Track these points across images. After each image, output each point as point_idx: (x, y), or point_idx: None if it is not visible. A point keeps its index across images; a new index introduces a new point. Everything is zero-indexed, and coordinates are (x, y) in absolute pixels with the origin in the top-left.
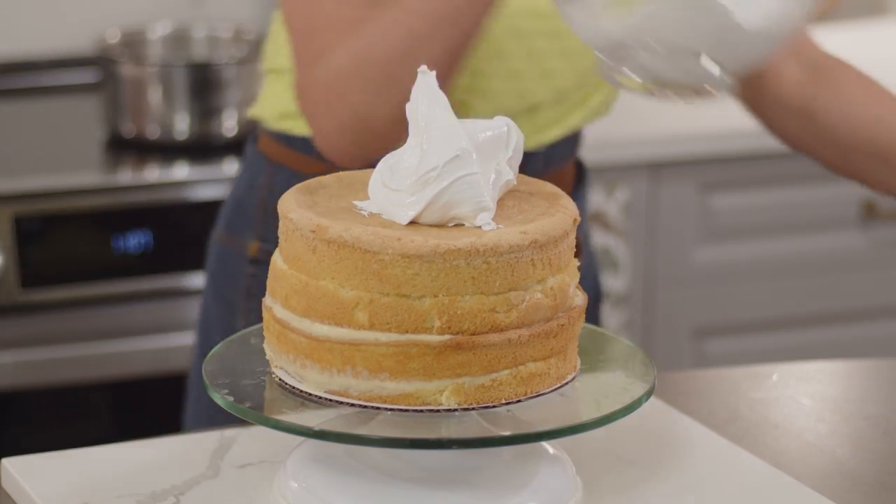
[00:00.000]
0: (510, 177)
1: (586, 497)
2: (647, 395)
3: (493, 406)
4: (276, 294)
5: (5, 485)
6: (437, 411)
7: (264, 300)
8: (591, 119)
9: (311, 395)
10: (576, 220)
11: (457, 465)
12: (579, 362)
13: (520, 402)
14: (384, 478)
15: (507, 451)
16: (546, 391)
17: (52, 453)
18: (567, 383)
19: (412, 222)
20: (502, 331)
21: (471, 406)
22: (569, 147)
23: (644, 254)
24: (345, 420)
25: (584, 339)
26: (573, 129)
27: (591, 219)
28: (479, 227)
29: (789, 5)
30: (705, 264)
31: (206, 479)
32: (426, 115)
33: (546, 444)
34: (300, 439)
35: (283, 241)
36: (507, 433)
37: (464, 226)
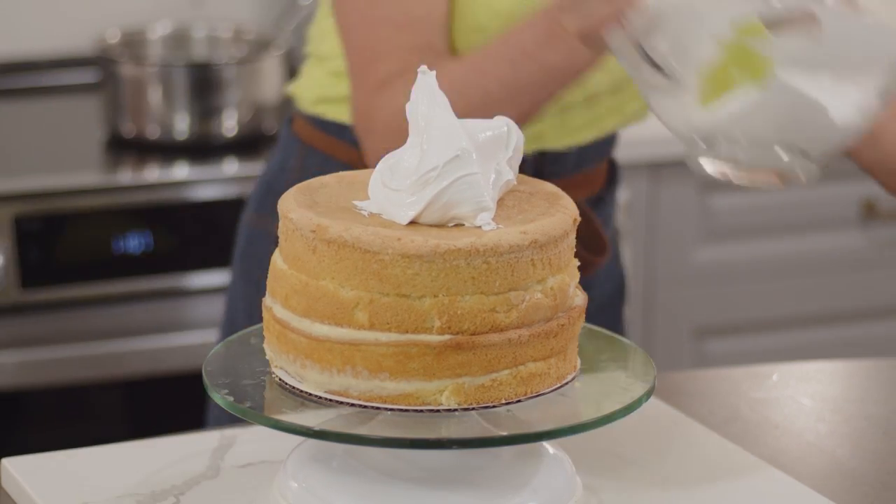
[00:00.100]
0: (510, 177)
1: (586, 497)
2: (647, 395)
3: (493, 406)
4: (276, 294)
5: (5, 485)
6: (437, 411)
7: (264, 300)
8: (626, 125)
9: (311, 394)
10: (576, 220)
11: (457, 465)
12: (579, 362)
13: (520, 402)
14: (384, 478)
15: (507, 450)
16: (546, 391)
17: (52, 453)
18: (567, 383)
19: (412, 222)
20: (502, 331)
21: (471, 406)
22: (602, 149)
23: (644, 254)
24: (345, 420)
25: (584, 339)
26: (607, 132)
27: None
28: (479, 227)
29: (875, 97)
30: (705, 264)
31: (207, 478)
32: (426, 115)
33: (546, 444)
34: (300, 439)
35: (283, 240)
36: (507, 433)
37: (464, 226)
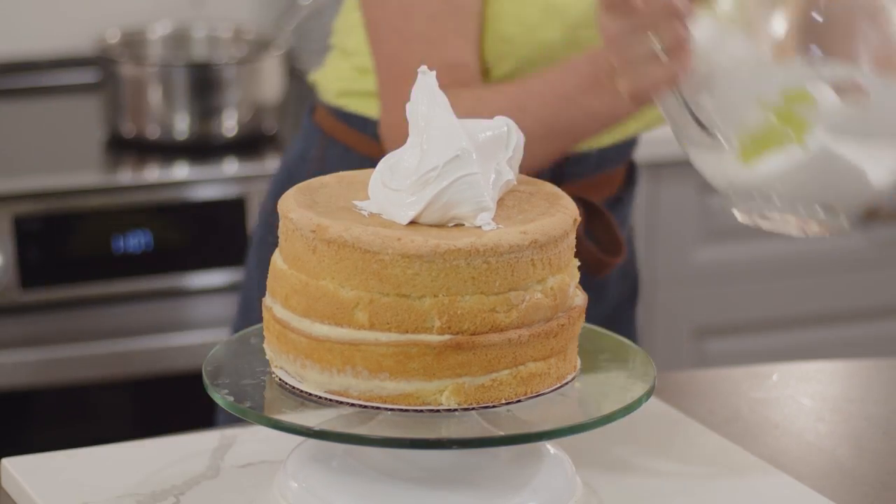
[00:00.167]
0: (510, 177)
1: (586, 497)
2: (647, 395)
3: (493, 406)
4: (277, 294)
5: (5, 485)
6: (437, 411)
7: (264, 300)
8: (650, 128)
9: (311, 394)
10: (576, 220)
11: (457, 465)
12: (579, 362)
13: (520, 402)
14: (384, 478)
15: (507, 450)
16: (546, 391)
17: (52, 453)
18: (567, 383)
19: (412, 222)
20: (502, 331)
21: (471, 406)
22: (623, 151)
23: (644, 254)
24: (345, 420)
25: (584, 338)
26: (629, 135)
27: None
28: (479, 227)
29: None
30: (705, 264)
31: (207, 478)
32: (426, 115)
33: (546, 444)
34: (300, 439)
35: (283, 240)
36: (506, 433)
37: (464, 226)
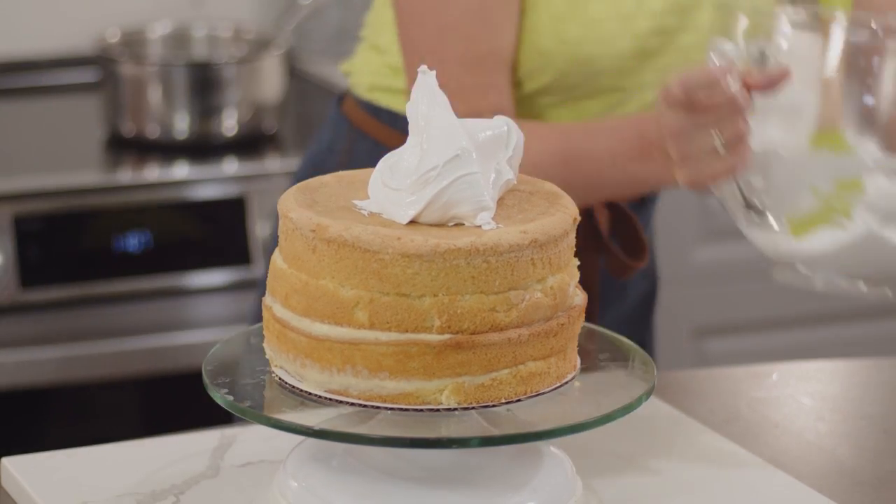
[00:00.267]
0: (510, 176)
1: (586, 496)
2: (647, 394)
3: (493, 405)
4: (276, 293)
5: (5, 484)
6: (437, 410)
7: (264, 299)
8: None
9: (310, 394)
10: (575, 219)
11: (456, 465)
12: (579, 361)
13: (519, 401)
14: (384, 477)
15: (507, 450)
16: (546, 390)
17: (51, 452)
18: (567, 382)
19: (412, 222)
20: (502, 330)
21: (470, 405)
22: None
23: None
24: (344, 419)
25: (584, 338)
26: None
27: None
28: (479, 227)
29: None
30: (705, 264)
31: (206, 478)
32: (426, 115)
33: (546, 444)
34: (300, 438)
35: (282, 240)
36: (506, 432)
37: (464, 225)
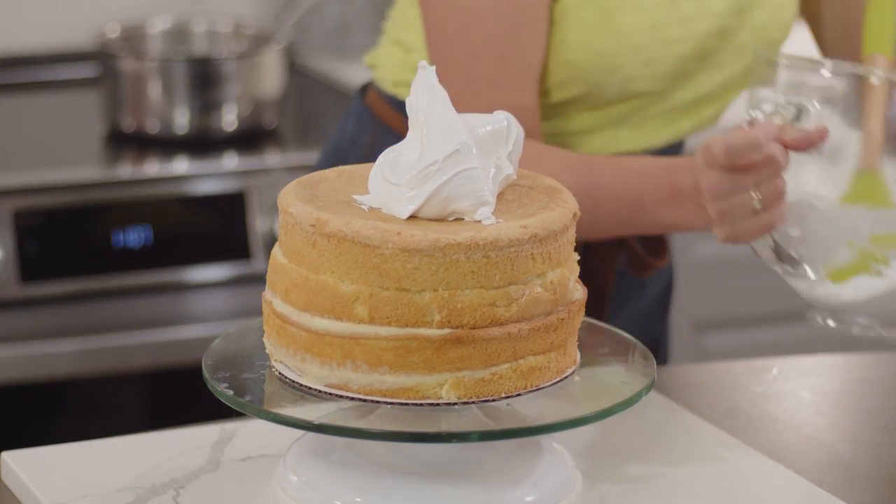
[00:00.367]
0: (510, 171)
1: (586, 490)
2: (647, 388)
3: (493, 400)
4: (276, 288)
5: (5, 478)
6: (437, 405)
7: (264, 294)
8: (700, 129)
9: (310, 388)
10: (575, 214)
11: (456, 459)
12: (579, 356)
13: (519, 395)
14: (384, 471)
15: (507, 444)
16: (546, 385)
17: (51, 447)
18: (567, 377)
19: (412, 216)
20: (502, 325)
21: (470, 400)
22: (673, 151)
23: None
24: (344, 414)
25: (584, 333)
26: (680, 136)
27: None
28: (479, 222)
29: None
30: (705, 259)
31: (206, 472)
32: (426, 110)
33: (546, 438)
34: (300, 433)
35: (282, 235)
36: (506, 427)
37: (464, 220)
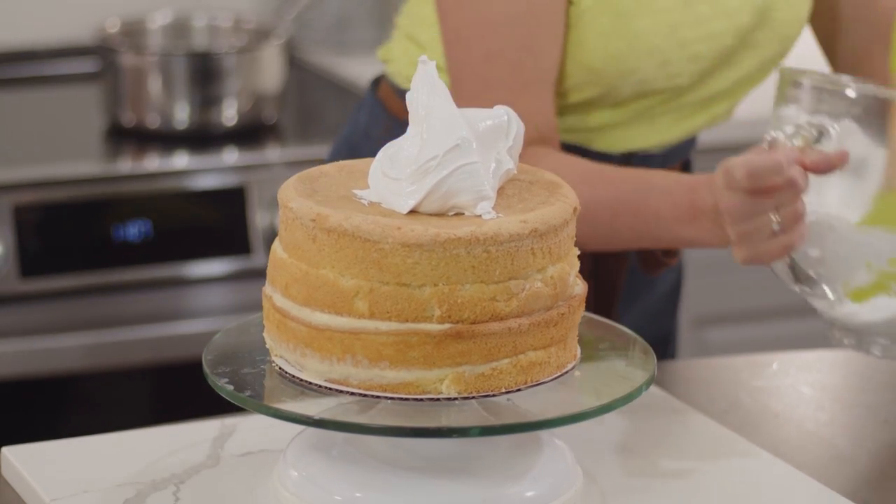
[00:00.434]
0: (510, 166)
1: (586, 485)
2: (648, 383)
3: (493, 395)
4: (277, 283)
5: (5, 473)
6: (437, 400)
7: (264, 289)
8: (713, 124)
9: (311, 383)
10: (576, 208)
11: (457, 454)
12: (579, 351)
13: (520, 390)
14: (384, 466)
15: (507, 439)
16: (546, 380)
17: (52, 442)
18: (567, 372)
19: (412, 211)
20: (502, 319)
21: (471, 395)
22: (686, 147)
23: None
24: (345, 409)
25: (584, 327)
26: (693, 132)
27: None
28: (480, 216)
29: None
30: (705, 253)
31: (207, 467)
32: (426, 105)
33: (546, 433)
34: (300, 428)
35: (282, 229)
36: (507, 422)
37: (464, 215)
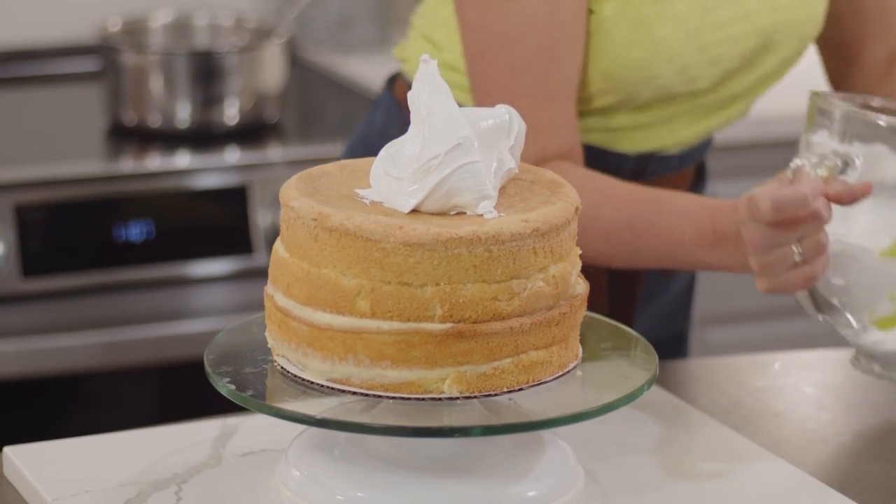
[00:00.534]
0: (512, 165)
1: (588, 485)
2: (649, 383)
3: (495, 394)
4: (278, 282)
5: (7, 473)
6: (439, 399)
7: (266, 288)
8: (729, 123)
9: (312, 383)
10: (577, 208)
11: (458, 454)
12: (581, 350)
13: (521, 390)
14: (386, 466)
15: (509, 439)
16: (548, 379)
17: (53, 442)
18: (569, 371)
19: (414, 210)
20: (504, 319)
21: (472, 394)
22: (702, 149)
23: None
24: (347, 408)
25: (586, 327)
26: (709, 132)
27: None
28: (481, 216)
29: None
30: None
31: (208, 467)
32: (428, 104)
33: (548, 433)
34: (302, 428)
35: (284, 229)
36: (508, 421)
37: (466, 214)
